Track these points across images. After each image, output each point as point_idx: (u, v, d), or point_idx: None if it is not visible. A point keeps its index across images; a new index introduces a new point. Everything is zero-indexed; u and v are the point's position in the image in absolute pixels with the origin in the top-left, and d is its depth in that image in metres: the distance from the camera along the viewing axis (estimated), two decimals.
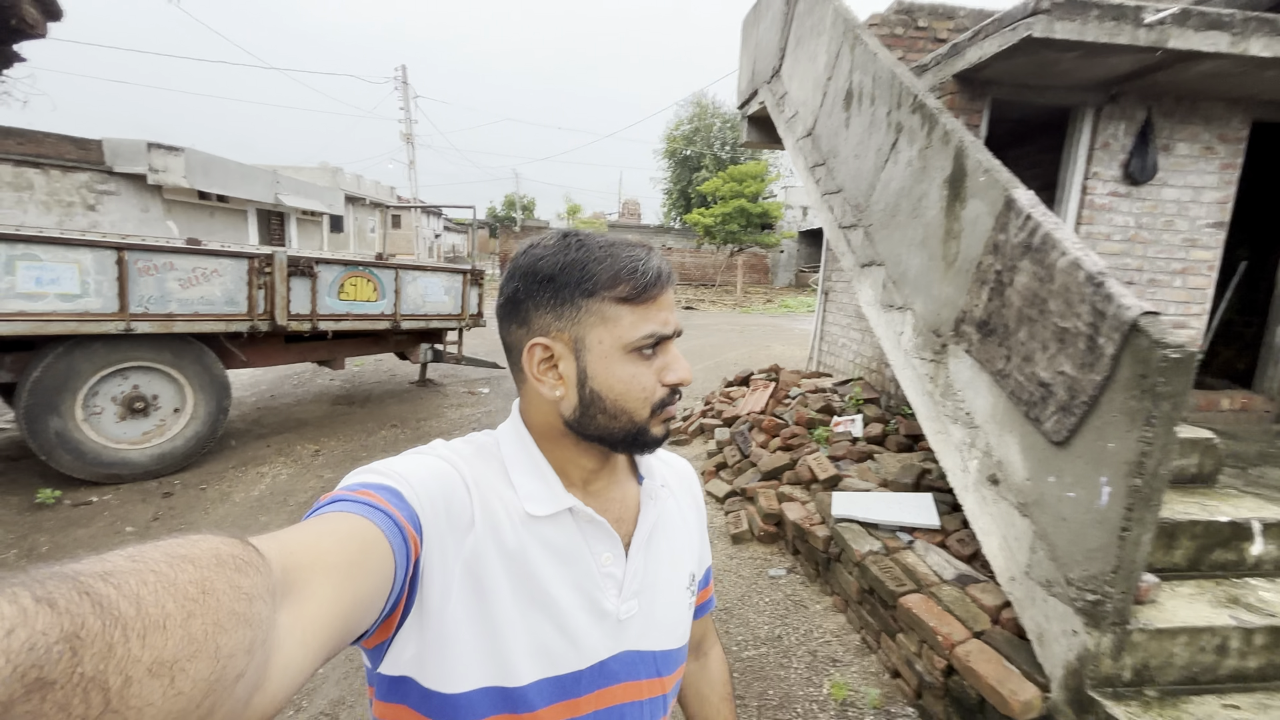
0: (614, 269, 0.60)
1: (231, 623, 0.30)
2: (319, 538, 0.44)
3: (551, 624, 0.60)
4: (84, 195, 13.22)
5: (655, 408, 0.62)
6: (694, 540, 0.78)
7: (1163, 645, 1.73)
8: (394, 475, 0.55)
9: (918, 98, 2.64)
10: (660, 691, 0.69)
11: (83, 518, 3.65)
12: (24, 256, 3.44)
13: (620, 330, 0.60)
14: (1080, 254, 1.79)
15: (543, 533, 0.61)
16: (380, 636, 0.54)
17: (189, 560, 0.30)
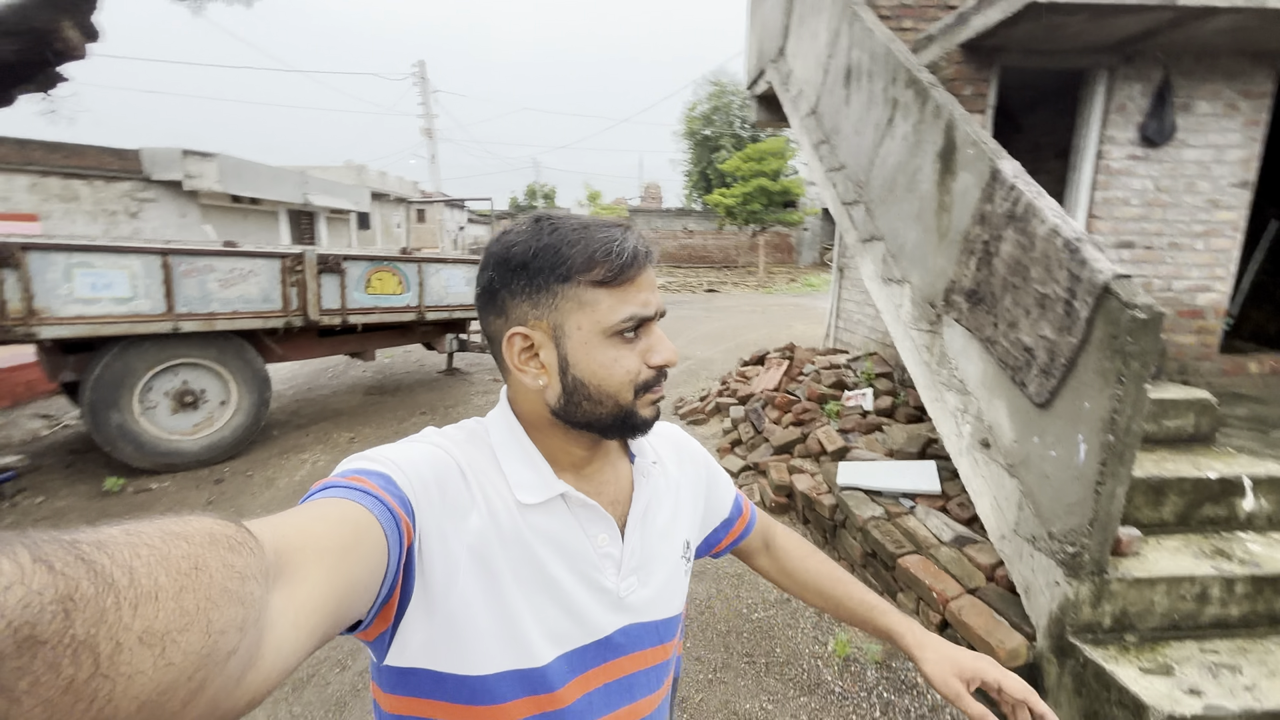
0: (588, 252, 0.58)
1: (223, 599, 0.30)
2: (312, 522, 0.44)
3: (556, 605, 0.61)
4: (126, 204, 13.87)
5: (639, 390, 0.62)
6: (686, 508, 0.78)
7: (1142, 594, 1.81)
8: (386, 461, 0.55)
9: (911, 73, 2.68)
10: (663, 658, 0.72)
11: (145, 503, 3.98)
12: (80, 264, 3.74)
13: (599, 315, 0.59)
14: (1059, 221, 1.84)
15: (536, 520, 0.62)
16: (380, 626, 0.53)
17: (182, 537, 0.31)
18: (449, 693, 0.57)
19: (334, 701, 2.33)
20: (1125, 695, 1.62)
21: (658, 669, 0.71)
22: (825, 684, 2.36)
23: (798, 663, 2.49)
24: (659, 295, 0.64)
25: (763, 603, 2.89)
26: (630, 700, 0.67)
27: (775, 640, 2.63)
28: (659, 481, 0.75)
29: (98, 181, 13.42)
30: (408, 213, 24.46)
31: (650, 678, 0.70)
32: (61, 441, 5.06)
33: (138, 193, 14.05)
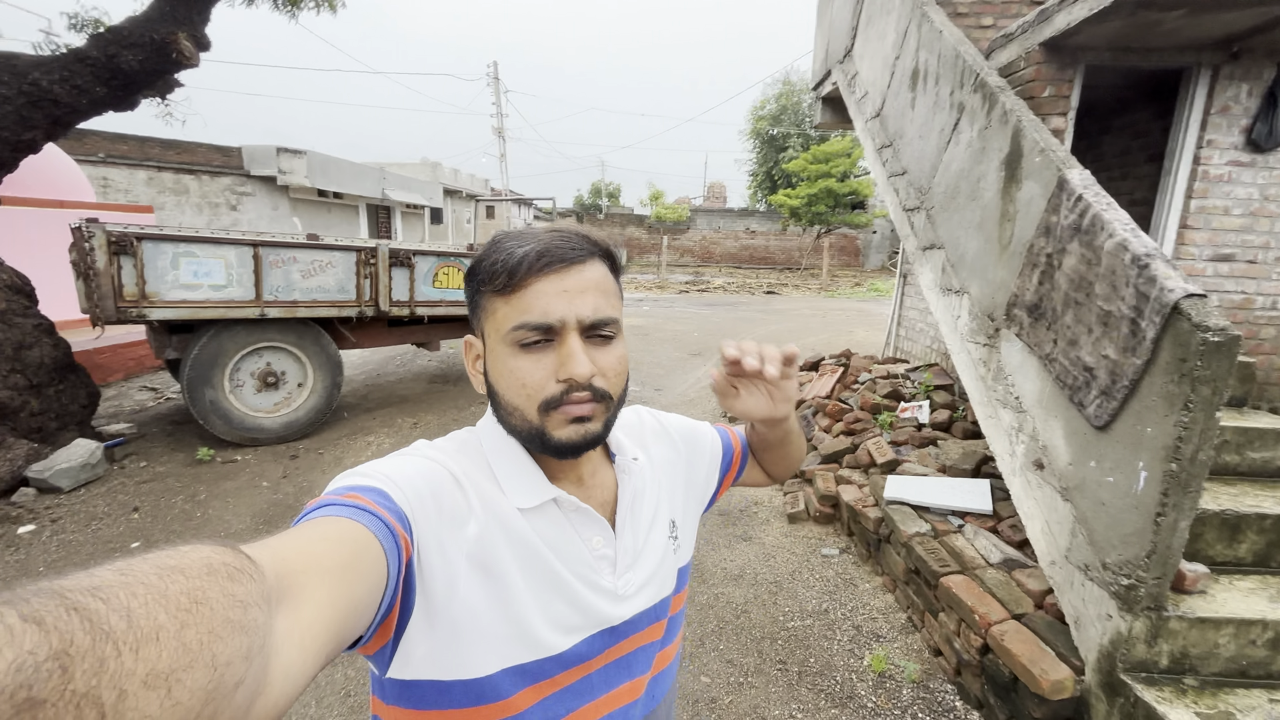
0: (490, 261, 0.60)
1: (227, 630, 0.30)
2: (310, 543, 0.44)
3: (563, 601, 0.63)
4: (227, 197, 15.11)
5: (543, 407, 0.60)
6: (666, 488, 0.79)
7: (1205, 635, 1.69)
8: (379, 477, 0.55)
9: (979, 76, 2.58)
10: (656, 637, 0.74)
11: (230, 473, 4.36)
12: (185, 254, 4.14)
13: (497, 322, 0.61)
14: (1128, 235, 1.75)
15: (533, 524, 0.63)
16: (380, 640, 0.54)
17: (179, 571, 0.30)
18: (455, 699, 0.58)
19: None
20: None
21: (651, 646, 0.73)
22: (858, 698, 2.33)
23: (831, 674, 2.47)
24: (588, 302, 0.61)
25: (800, 612, 2.87)
26: (629, 677, 0.71)
27: (810, 650, 2.61)
28: (643, 474, 0.75)
29: (204, 176, 14.68)
30: (476, 209, 25.34)
31: (646, 655, 0.73)
32: (164, 413, 5.61)
33: (237, 187, 15.28)
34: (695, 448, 0.86)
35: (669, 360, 8.38)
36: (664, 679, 0.78)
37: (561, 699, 0.64)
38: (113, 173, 12.94)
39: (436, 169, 23.93)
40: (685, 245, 29.91)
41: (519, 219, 30.69)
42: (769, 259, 29.37)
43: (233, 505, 3.89)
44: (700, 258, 29.93)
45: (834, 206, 21.58)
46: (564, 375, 0.59)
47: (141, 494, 3.96)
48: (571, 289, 0.60)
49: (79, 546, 3.36)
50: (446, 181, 23.97)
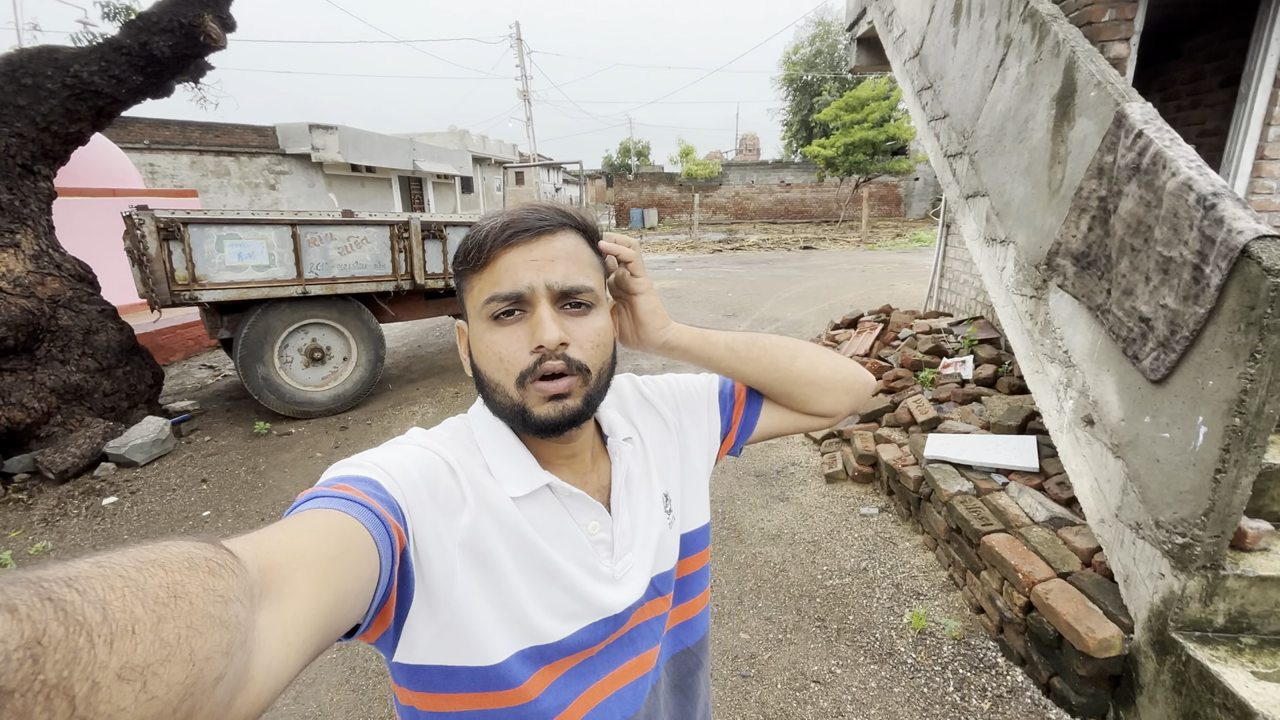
0: (464, 241, 0.62)
1: (206, 625, 0.30)
2: (295, 536, 0.44)
3: (561, 589, 0.63)
4: (266, 176, 15.46)
5: (519, 380, 0.60)
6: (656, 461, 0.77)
7: (1267, 594, 1.62)
8: (371, 467, 0.55)
9: (1029, 4, 2.38)
10: (664, 609, 0.74)
11: (286, 445, 4.60)
12: (229, 236, 4.29)
13: (472, 299, 0.62)
14: (1193, 173, 1.61)
15: (527, 511, 0.63)
16: (379, 628, 0.54)
17: (159, 565, 0.30)
18: (463, 684, 0.58)
19: None
20: (1231, 699, 1.49)
21: (657, 620, 0.73)
22: (898, 654, 2.35)
23: (870, 631, 2.48)
24: (558, 270, 0.61)
25: (838, 570, 2.89)
26: (635, 653, 0.71)
27: (849, 608, 2.63)
28: (635, 453, 0.74)
29: (243, 157, 15.02)
30: (504, 176, 25.26)
31: (651, 628, 0.72)
32: (223, 389, 5.92)
33: (275, 166, 15.59)
34: (688, 406, 0.82)
35: (703, 322, 8.30)
36: (680, 633, 0.77)
37: (570, 681, 0.64)
38: (158, 158, 13.38)
39: (464, 137, 23.87)
40: (717, 202, 29.21)
41: (548, 184, 30.47)
42: (805, 212, 28.47)
43: (290, 475, 4.11)
44: (734, 215, 29.22)
45: (872, 154, 20.60)
46: (534, 343, 0.59)
47: (208, 466, 4.23)
48: (540, 258, 0.60)
49: (157, 516, 3.62)
50: (475, 149, 23.91)
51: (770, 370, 0.81)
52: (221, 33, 4.44)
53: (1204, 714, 1.56)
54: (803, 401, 0.83)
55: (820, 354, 0.83)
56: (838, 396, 0.83)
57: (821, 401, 0.83)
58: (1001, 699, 2.11)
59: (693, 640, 0.79)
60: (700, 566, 0.80)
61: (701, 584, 0.80)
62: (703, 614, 0.80)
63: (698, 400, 0.83)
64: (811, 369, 0.81)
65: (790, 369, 0.81)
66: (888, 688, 2.21)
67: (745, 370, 0.81)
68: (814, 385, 0.81)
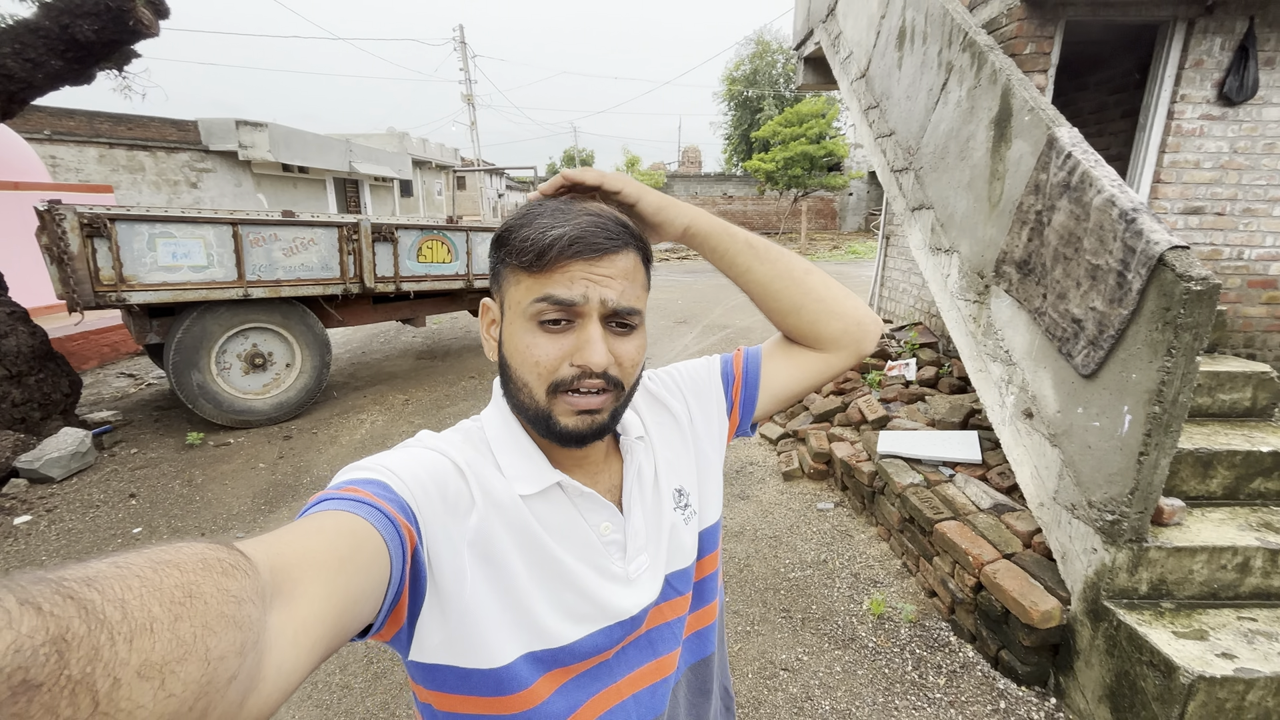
0: (521, 235, 0.60)
1: (220, 625, 0.30)
2: (306, 537, 0.44)
3: (571, 590, 0.62)
4: (186, 174, 14.51)
5: (552, 388, 0.60)
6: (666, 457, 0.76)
7: (1181, 562, 1.84)
8: (380, 469, 0.56)
9: (968, 35, 2.61)
10: (681, 611, 0.73)
11: (224, 456, 4.34)
12: (162, 235, 4.02)
13: (519, 295, 0.60)
14: (1116, 191, 1.82)
15: (537, 510, 0.62)
16: (392, 628, 0.54)
17: (174, 565, 0.30)
18: (475, 686, 0.58)
19: None
20: (1157, 656, 1.68)
21: (677, 622, 0.72)
22: (859, 639, 2.48)
23: (833, 619, 2.61)
24: (614, 289, 0.59)
25: (799, 563, 3.01)
26: (654, 656, 0.70)
27: (811, 598, 2.75)
28: (646, 451, 0.73)
29: (160, 152, 14.04)
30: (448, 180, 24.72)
31: (672, 630, 0.71)
32: (148, 399, 5.51)
33: (196, 163, 14.66)
34: (694, 392, 0.81)
35: (655, 329, 8.42)
36: (700, 640, 0.77)
37: (581, 684, 0.63)
38: (61, 150, 12.31)
39: (404, 139, 23.20)
40: None
41: (491, 190, 30.01)
42: (747, 224, 29.24)
43: (230, 487, 3.88)
44: None
45: (810, 169, 21.51)
46: (579, 360, 0.59)
47: (136, 480, 3.93)
48: (600, 273, 0.59)
49: (79, 535, 3.34)
50: (415, 152, 23.28)
51: (784, 276, 0.79)
52: (154, 19, 4.18)
53: (1134, 672, 1.75)
54: (811, 320, 0.80)
55: (832, 280, 0.83)
56: (845, 325, 0.81)
57: (829, 325, 0.80)
58: (955, 674, 2.26)
59: (711, 648, 0.79)
60: (714, 569, 0.80)
61: (715, 590, 0.80)
62: (710, 627, 0.79)
63: (701, 383, 0.82)
64: (824, 286, 0.81)
65: (804, 280, 0.80)
66: (851, 671, 2.33)
67: (760, 270, 0.78)
68: (823, 303, 0.80)
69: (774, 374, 0.83)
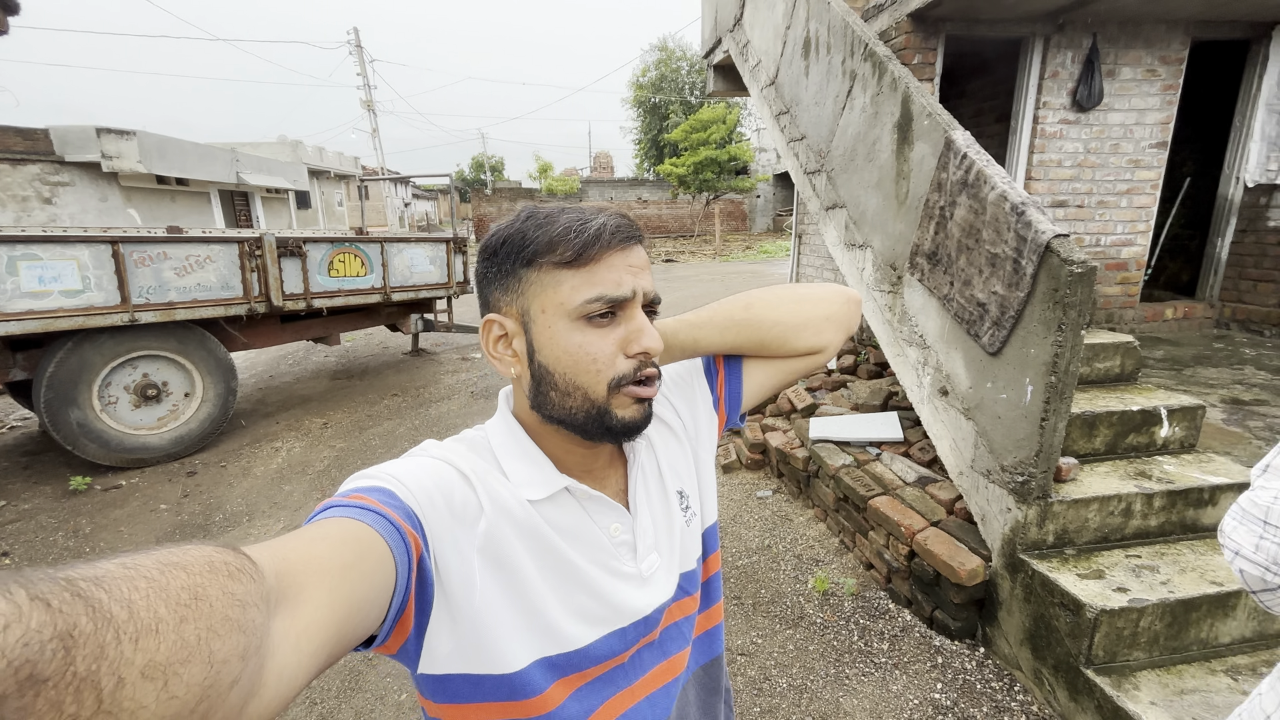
0: (551, 233, 0.58)
1: (225, 628, 0.30)
2: (312, 543, 0.44)
3: (585, 592, 0.62)
4: (38, 188, 12.83)
5: (614, 383, 0.59)
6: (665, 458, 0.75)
7: (1078, 513, 2.09)
8: (386, 478, 0.55)
9: (868, 46, 2.82)
10: (691, 609, 0.74)
11: (116, 500, 3.89)
12: (25, 257, 3.56)
13: (561, 296, 0.58)
14: (1006, 187, 2.04)
15: (547, 514, 0.62)
16: (399, 639, 0.53)
17: (181, 567, 0.30)
18: (488, 693, 0.58)
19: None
20: (1066, 597, 1.89)
21: (687, 621, 0.73)
22: (808, 617, 2.61)
23: (781, 601, 2.73)
24: (646, 279, 0.61)
25: (745, 550, 3.12)
26: (664, 656, 0.71)
27: (760, 583, 2.86)
28: (650, 451, 0.74)
29: (3, 165, 12.36)
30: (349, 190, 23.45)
31: (681, 630, 0.72)
32: (13, 444, 4.84)
33: (49, 176, 13.03)
34: (682, 393, 0.81)
35: None
36: (710, 640, 0.79)
37: (595, 689, 0.63)
38: None
39: (298, 148, 21.71)
40: None
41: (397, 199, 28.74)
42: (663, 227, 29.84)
43: (128, 534, 3.50)
44: None
45: (719, 173, 22.31)
46: (637, 349, 0.60)
47: (8, 536, 3.45)
48: (636, 265, 0.61)
49: None
50: (311, 161, 21.85)
51: (728, 328, 0.78)
52: (3, 16, 3.70)
53: (1048, 614, 1.96)
54: (779, 346, 0.80)
55: (779, 291, 0.81)
56: (816, 326, 0.80)
57: (800, 338, 0.79)
58: (896, 638, 2.44)
59: (720, 648, 0.80)
60: (718, 569, 0.81)
61: (714, 591, 0.80)
62: (717, 628, 0.81)
63: (684, 383, 0.82)
64: (769, 310, 0.78)
65: (747, 318, 0.78)
66: (803, 647, 2.45)
67: (705, 337, 0.78)
68: (781, 325, 0.78)
69: (755, 370, 0.84)
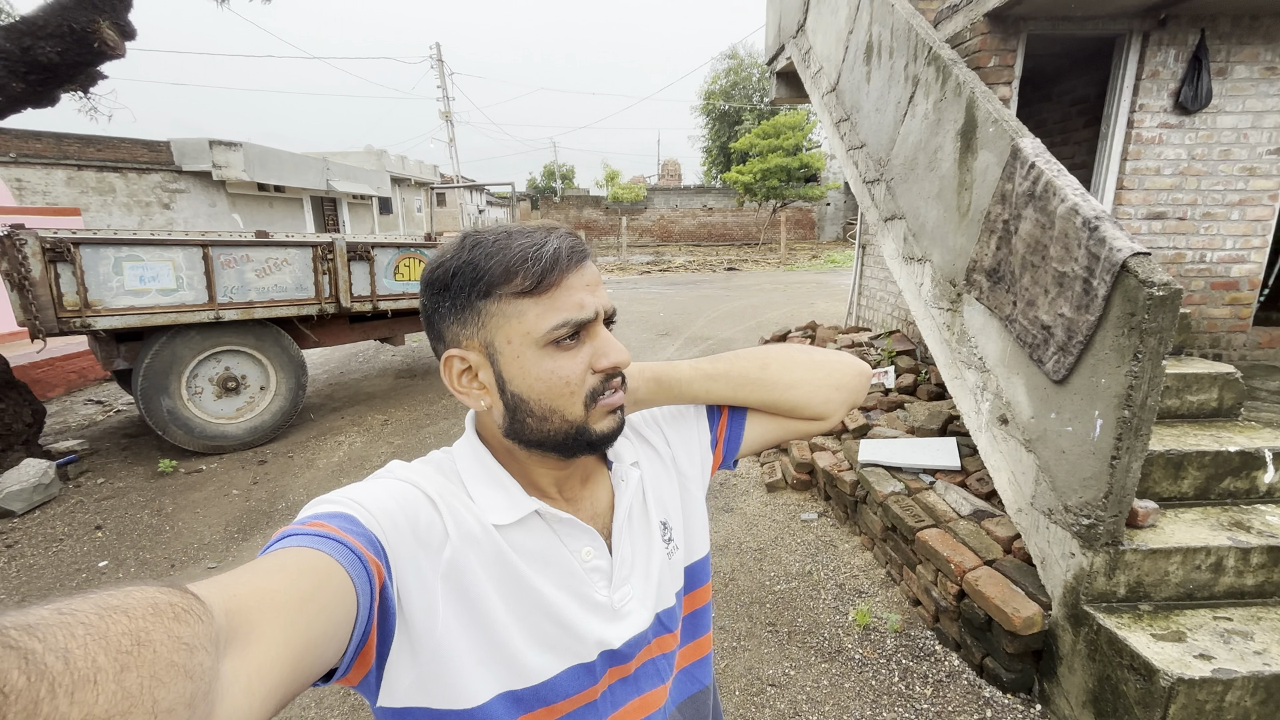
0: (505, 262, 0.56)
1: (170, 675, 0.29)
2: (266, 577, 0.42)
3: (550, 621, 0.60)
4: (159, 195, 14.27)
5: (589, 399, 0.59)
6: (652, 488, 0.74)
7: (1156, 564, 1.86)
8: (348, 503, 0.53)
9: (932, 49, 2.66)
10: (670, 647, 0.72)
11: (196, 483, 4.22)
12: (129, 258, 3.93)
13: (527, 325, 0.57)
14: (1078, 200, 1.86)
15: (514, 539, 0.61)
16: (360, 671, 0.51)
17: (122, 611, 0.29)
18: None
19: None
20: (1136, 660, 1.68)
21: (664, 657, 0.71)
22: (845, 651, 2.46)
23: (819, 632, 2.59)
24: (602, 295, 0.61)
25: (784, 575, 2.99)
26: (638, 693, 0.68)
27: (797, 611, 2.74)
28: (640, 482, 0.73)
29: (131, 174, 13.80)
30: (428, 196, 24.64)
31: (657, 667, 0.69)
32: (116, 426, 5.35)
33: (169, 184, 14.43)
34: (676, 427, 0.80)
35: (638, 341, 8.42)
36: (694, 673, 0.76)
37: None
38: (27, 173, 12.05)
39: (382, 157, 23.09)
40: (643, 225, 29.80)
41: (472, 205, 29.95)
42: (727, 235, 29.56)
43: (203, 515, 3.77)
44: (659, 237, 29.88)
45: (787, 181, 21.87)
46: (606, 364, 0.60)
47: (103, 511, 3.80)
48: (592, 282, 0.60)
49: (41, 570, 3.21)
50: (393, 169, 23.17)
51: (742, 385, 0.78)
52: (120, 40, 4.12)
53: (1115, 676, 1.75)
54: (789, 409, 0.79)
55: (795, 354, 0.79)
56: (825, 395, 0.79)
57: (809, 405, 0.79)
58: (941, 683, 2.25)
59: (707, 680, 0.78)
60: (705, 602, 0.79)
61: (700, 625, 0.78)
62: (703, 660, 0.78)
63: (684, 414, 0.81)
64: (785, 372, 0.77)
65: (762, 377, 0.77)
66: (839, 684, 2.31)
67: (717, 389, 0.78)
68: (794, 389, 0.77)
69: (759, 424, 0.82)
